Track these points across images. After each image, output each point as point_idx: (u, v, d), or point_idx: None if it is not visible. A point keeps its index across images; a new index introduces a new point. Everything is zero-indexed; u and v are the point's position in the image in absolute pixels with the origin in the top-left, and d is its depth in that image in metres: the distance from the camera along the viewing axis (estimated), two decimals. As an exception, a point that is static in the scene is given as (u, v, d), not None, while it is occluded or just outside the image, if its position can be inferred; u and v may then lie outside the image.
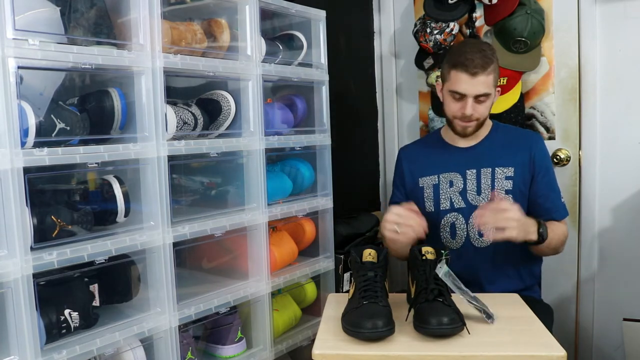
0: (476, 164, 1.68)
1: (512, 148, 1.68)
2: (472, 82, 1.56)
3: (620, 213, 2.14)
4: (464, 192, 1.68)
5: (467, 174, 1.68)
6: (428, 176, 1.74)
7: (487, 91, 1.58)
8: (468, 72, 1.55)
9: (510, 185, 1.64)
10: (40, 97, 1.20)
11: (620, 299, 2.15)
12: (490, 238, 1.58)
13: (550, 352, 1.10)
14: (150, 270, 1.37)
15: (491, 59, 1.57)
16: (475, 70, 1.54)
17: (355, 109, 2.56)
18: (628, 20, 2.06)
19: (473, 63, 1.54)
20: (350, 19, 2.51)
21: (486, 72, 1.55)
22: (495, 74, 1.60)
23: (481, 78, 1.55)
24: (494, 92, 1.62)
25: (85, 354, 1.20)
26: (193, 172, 1.68)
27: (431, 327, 1.16)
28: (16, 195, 1.08)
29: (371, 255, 1.39)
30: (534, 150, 1.66)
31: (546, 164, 1.67)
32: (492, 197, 1.61)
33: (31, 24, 1.14)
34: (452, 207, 1.69)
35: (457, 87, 1.58)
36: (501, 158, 1.67)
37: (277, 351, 1.70)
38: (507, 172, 1.65)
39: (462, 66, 1.55)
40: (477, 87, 1.56)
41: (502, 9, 2.10)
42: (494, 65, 1.58)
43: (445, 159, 1.73)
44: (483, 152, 1.69)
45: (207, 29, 1.53)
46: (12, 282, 1.09)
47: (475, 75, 1.55)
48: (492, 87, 1.59)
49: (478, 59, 1.55)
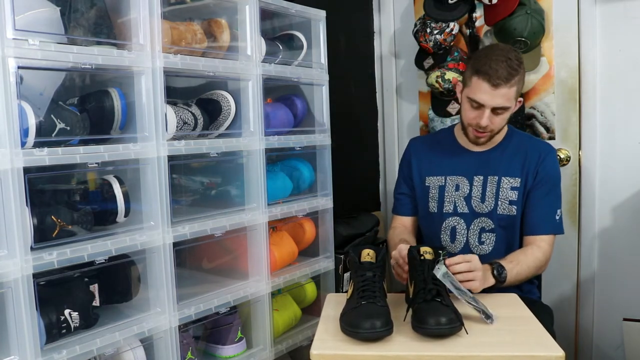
0: (484, 170, 1.65)
1: (522, 158, 1.64)
2: (493, 94, 1.49)
3: (620, 213, 2.14)
4: (468, 197, 1.66)
5: (474, 179, 1.66)
6: (435, 176, 1.71)
7: (506, 104, 1.52)
8: (490, 82, 1.48)
9: (515, 196, 1.62)
10: (40, 97, 1.20)
11: (620, 299, 2.15)
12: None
13: (548, 353, 1.10)
14: (150, 270, 1.37)
15: (517, 70, 1.50)
16: (498, 81, 1.47)
17: (355, 109, 2.56)
18: (628, 20, 2.05)
19: (497, 74, 1.47)
20: (350, 19, 2.51)
21: (509, 84, 1.48)
22: (519, 85, 1.53)
23: (503, 90, 1.48)
24: (514, 104, 1.56)
25: (85, 354, 1.20)
26: (193, 172, 1.68)
27: (429, 327, 1.16)
28: (16, 195, 1.08)
29: (370, 256, 1.39)
30: (542, 160, 1.62)
31: (549, 178, 1.63)
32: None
33: (31, 24, 1.14)
34: (455, 211, 1.67)
35: (476, 96, 1.52)
36: (510, 167, 1.64)
37: (277, 351, 1.70)
38: (513, 183, 1.62)
39: (485, 75, 1.48)
40: (497, 100, 1.50)
41: (502, 9, 2.10)
42: (518, 77, 1.51)
43: (455, 161, 1.69)
44: (493, 159, 1.65)
45: (207, 29, 1.53)
46: (12, 282, 1.09)
47: (497, 87, 1.48)
48: (512, 100, 1.53)
49: (503, 69, 1.47)
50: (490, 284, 1.45)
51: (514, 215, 1.63)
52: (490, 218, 1.64)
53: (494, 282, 1.46)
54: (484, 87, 1.50)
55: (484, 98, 1.51)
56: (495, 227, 1.64)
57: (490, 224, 1.64)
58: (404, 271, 1.42)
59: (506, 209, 1.63)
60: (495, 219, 1.64)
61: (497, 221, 1.64)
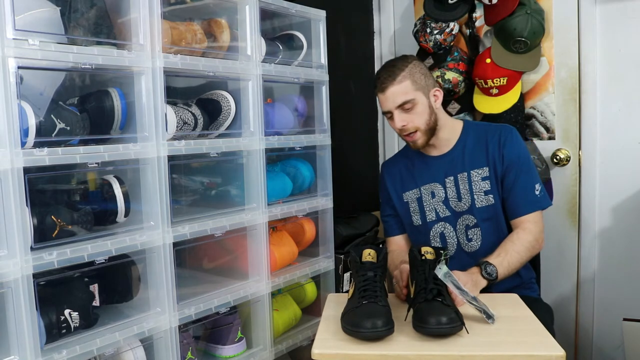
0: (452, 170, 1.68)
1: (483, 147, 1.66)
2: (386, 97, 1.59)
3: (620, 213, 2.14)
4: (446, 200, 1.69)
5: (445, 182, 1.69)
6: (410, 190, 1.75)
7: (405, 99, 1.58)
8: (379, 89, 1.60)
9: (488, 186, 1.64)
10: (40, 97, 1.20)
11: (620, 299, 2.15)
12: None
13: (549, 352, 1.10)
14: (150, 270, 1.37)
15: (400, 66, 1.58)
16: (383, 85, 1.58)
17: (355, 109, 2.56)
18: (628, 20, 2.05)
19: (380, 80, 1.60)
20: (350, 19, 2.51)
21: (396, 82, 1.57)
22: (412, 78, 1.58)
23: (392, 89, 1.57)
24: (422, 95, 1.60)
25: (85, 354, 1.20)
26: (193, 172, 1.68)
27: (430, 326, 1.16)
28: (16, 195, 1.08)
29: (371, 255, 1.39)
30: (503, 144, 1.63)
31: (516, 158, 1.62)
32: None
33: (31, 24, 1.14)
34: (438, 217, 1.70)
35: (382, 108, 1.64)
36: (474, 160, 1.66)
37: (277, 351, 1.70)
38: (482, 173, 1.64)
39: (375, 87, 1.62)
40: (393, 100, 1.58)
41: (502, 9, 2.10)
42: (405, 73, 1.57)
43: (423, 170, 1.73)
44: (456, 157, 1.68)
45: (207, 29, 1.53)
46: (12, 282, 1.09)
47: (384, 90, 1.58)
48: (412, 93, 1.58)
49: (384, 73, 1.59)
50: (482, 285, 1.46)
51: (493, 204, 1.64)
52: (471, 214, 1.66)
53: (486, 282, 1.46)
54: (380, 98, 1.62)
55: (384, 105, 1.62)
56: (478, 221, 1.65)
57: (472, 220, 1.66)
58: (402, 293, 1.44)
59: (484, 200, 1.64)
60: (476, 213, 1.65)
61: (479, 215, 1.65)
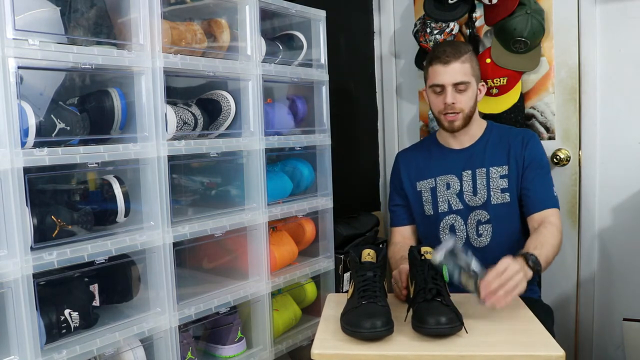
0: (471, 164, 1.69)
1: (506, 146, 1.68)
2: (447, 70, 1.61)
3: (620, 213, 2.14)
4: (460, 193, 1.69)
5: (462, 175, 1.69)
6: (425, 180, 1.75)
7: (464, 79, 1.62)
8: (441, 61, 1.61)
9: (505, 184, 1.65)
10: (40, 97, 1.20)
11: (620, 299, 2.15)
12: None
13: (548, 352, 1.10)
14: (150, 270, 1.37)
15: (464, 49, 1.64)
16: (447, 58, 1.60)
17: (355, 109, 2.56)
18: (628, 20, 2.05)
19: (445, 53, 1.61)
20: (350, 19, 2.51)
21: (460, 60, 1.61)
22: (472, 64, 1.64)
23: (455, 65, 1.60)
24: (475, 82, 1.66)
25: (85, 354, 1.20)
26: (193, 172, 1.68)
27: (429, 326, 1.16)
28: (16, 195, 1.08)
29: (370, 255, 1.40)
30: (525, 145, 1.66)
31: (539, 160, 1.66)
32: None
33: (31, 24, 1.14)
34: (450, 209, 1.70)
35: (435, 80, 1.64)
36: (495, 157, 1.67)
37: (277, 351, 1.70)
38: (501, 171, 1.66)
39: (435, 59, 1.63)
40: (454, 75, 1.61)
41: (502, 9, 2.10)
42: (467, 56, 1.63)
43: (441, 161, 1.74)
44: (477, 153, 1.70)
45: (207, 29, 1.53)
46: (12, 282, 1.09)
47: (448, 63, 1.60)
48: (469, 76, 1.63)
49: (448, 48, 1.62)
50: (530, 277, 1.35)
51: (509, 203, 1.65)
52: (485, 210, 1.66)
53: (532, 273, 1.36)
54: (438, 69, 1.63)
55: (442, 78, 1.63)
56: (491, 218, 1.66)
57: (485, 216, 1.67)
58: (402, 294, 1.43)
59: (500, 198, 1.65)
60: (490, 209, 1.66)
61: (493, 211, 1.66)
